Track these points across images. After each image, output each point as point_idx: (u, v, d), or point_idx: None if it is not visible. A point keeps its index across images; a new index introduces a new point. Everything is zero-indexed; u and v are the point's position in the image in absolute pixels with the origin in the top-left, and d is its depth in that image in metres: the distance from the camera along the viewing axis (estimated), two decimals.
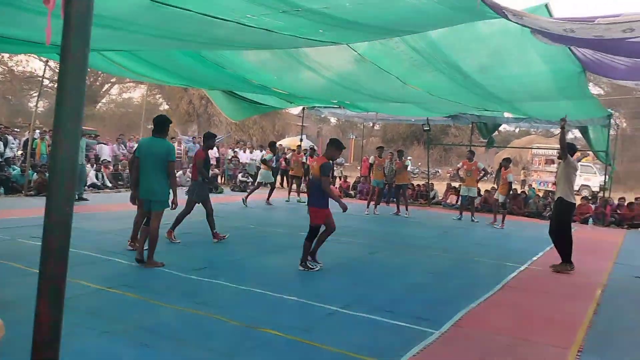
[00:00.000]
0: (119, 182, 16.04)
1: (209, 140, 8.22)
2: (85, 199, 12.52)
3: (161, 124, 6.24)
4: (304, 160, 16.77)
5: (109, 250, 6.92)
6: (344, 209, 6.42)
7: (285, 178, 18.67)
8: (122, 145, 18.95)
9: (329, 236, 6.69)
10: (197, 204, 7.98)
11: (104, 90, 39.40)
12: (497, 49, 6.94)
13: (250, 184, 18.93)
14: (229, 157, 20.13)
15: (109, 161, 17.22)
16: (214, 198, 13.68)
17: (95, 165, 15.92)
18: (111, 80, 37.72)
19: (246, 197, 13.64)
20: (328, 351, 3.96)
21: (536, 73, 7.63)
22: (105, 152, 17.77)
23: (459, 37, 6.54)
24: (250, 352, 3.84)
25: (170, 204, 6.24)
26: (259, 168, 20.94)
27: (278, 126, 39.47)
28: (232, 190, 18.01)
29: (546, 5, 5.56)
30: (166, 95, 36.33)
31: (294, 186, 15.90)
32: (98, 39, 5.87)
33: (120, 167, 16.73)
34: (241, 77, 9.42)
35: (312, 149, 17.60)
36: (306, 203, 6.81)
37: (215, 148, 21.06)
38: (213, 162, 20.01)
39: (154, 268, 6.14)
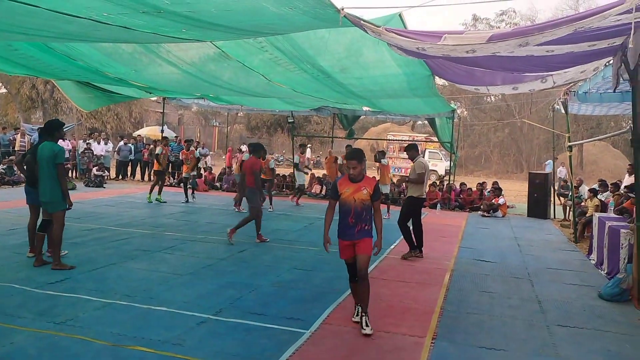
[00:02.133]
0: None
1: (261, 151, 9.11)
2: None
3: (48, 129, 6.55)
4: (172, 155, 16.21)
5: None
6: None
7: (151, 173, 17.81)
8: None
9: None
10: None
11: None
12: (356, 52, 7.29)
13: (106, 177, 17.80)
14: (82, 150, 18.66)
15: None
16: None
17: None
18: None
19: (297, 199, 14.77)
20: None
21: (391, 75, 8.16)
22: None
23: (320, 39, 6.76)
24: None
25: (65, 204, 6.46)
26: (118, 161, 19.75)
27: (135, 113, 37.33)
28: (85, 185, 16.75)
29: (400, 15, 5.99)
30: (5, 79, 32.45)
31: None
32: None
33: None
34: (94, 69, 8.78)
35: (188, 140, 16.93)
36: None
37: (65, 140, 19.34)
38: (66, 154, 18.42)
39: (61, 269, 6.34)
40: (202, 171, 17.80)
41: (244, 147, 14.63)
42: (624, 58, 5.60)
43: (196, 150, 15.27)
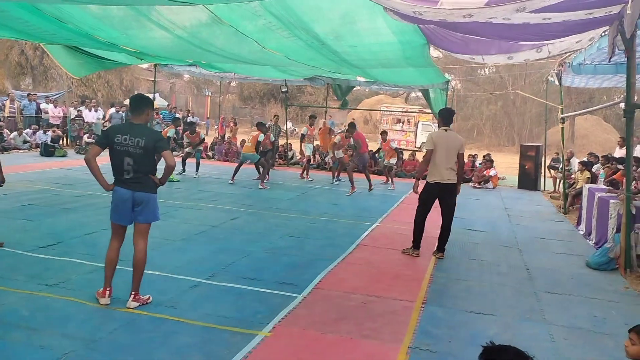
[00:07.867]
0: None
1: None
2: None
3: None
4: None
5: None
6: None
7: None
8: None
9: None
10: None
11: None
12: (350, 18, 7.18)
13: None
14: (73, 117, 18.44)
15: None
16: (58, 162, 12.59)
17: None
18: None
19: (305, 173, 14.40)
20: (194, 326, 3.98)
21: (386, 43, 8.06)
22: None
23: (314, 4, 6.64)
24: (112, 335, 3.72)
25: None
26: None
27: (126, 81, 36.80)
28: (77, 153, 16.62)
29: None
30: None
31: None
32: None
33: None
34: (85, 33, 8.60)
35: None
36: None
37: (51, 105, 19.04)
38: (56, 121, 18.21)
39: None
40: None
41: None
42: (621, 27, 5.56)
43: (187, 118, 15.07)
